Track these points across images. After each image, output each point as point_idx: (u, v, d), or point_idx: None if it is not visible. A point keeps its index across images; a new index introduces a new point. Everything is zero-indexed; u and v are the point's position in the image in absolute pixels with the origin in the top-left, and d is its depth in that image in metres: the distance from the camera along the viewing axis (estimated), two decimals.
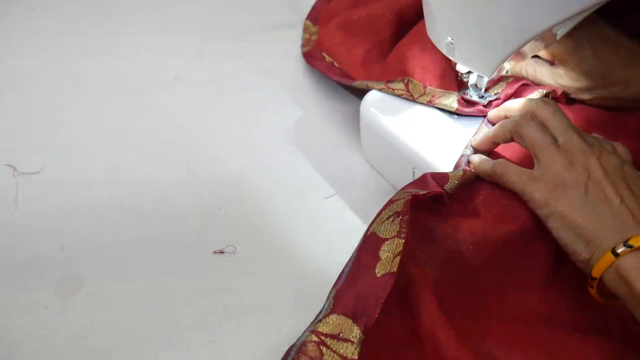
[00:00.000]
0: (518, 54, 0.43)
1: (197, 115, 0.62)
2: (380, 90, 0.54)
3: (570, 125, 0.42)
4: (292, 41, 0.71)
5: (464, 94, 0.51)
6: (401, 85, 0.53)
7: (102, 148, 0.58)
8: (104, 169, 0.56)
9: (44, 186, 0.55)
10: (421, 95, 0.52)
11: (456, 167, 0.47)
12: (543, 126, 0.42)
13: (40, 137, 0.59)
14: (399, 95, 0.53)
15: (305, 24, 0.71)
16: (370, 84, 0.55)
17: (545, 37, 0.42)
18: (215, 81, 0.66)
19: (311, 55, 0.65)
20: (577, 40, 0.47)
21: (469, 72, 0.50)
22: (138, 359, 0.44)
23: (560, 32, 0.43)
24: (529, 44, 0.41)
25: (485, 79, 0.50)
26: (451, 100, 0.50)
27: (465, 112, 0.50)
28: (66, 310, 0.46)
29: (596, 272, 0.37)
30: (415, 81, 0.53)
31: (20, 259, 0.49)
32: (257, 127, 0.61)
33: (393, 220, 0.40)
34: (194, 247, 0.51)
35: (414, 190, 0.42)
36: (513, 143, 0.45)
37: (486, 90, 0.51)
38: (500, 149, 0.48)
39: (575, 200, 0.39)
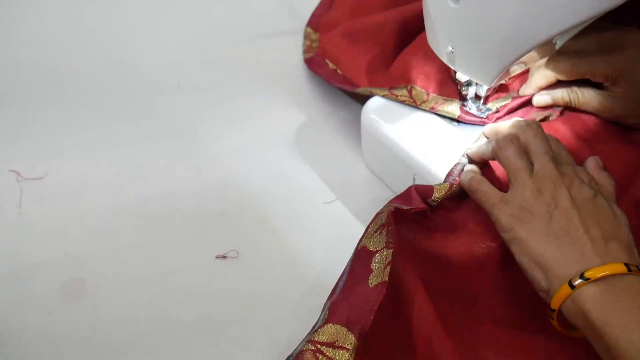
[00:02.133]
0: (518, 63, 0.44)
1: (199, 121, 0.63)
2: (383, 96, 0.54)
3: (547, 151, 0.42)
4: (292, 48, 0.72)
5: (464, 105, 0.51)
6: (404, 92, 0.53)
7: (105, 154, 0.59)
8: (106, 175, 0.57)
9: (47, 191, 0.55)
10: (424, 102, 0.52)
11: (449, 174, 0.47)
12: (521, 151, 0.42)
13: (44, 143, 0.59)
14: (402, 102, 0.53)
15: (305, 31, 0.72)
16: (373, 90, 0.55)
17: (545, 47, 0.43)
18: (217, 87, 0.67)
19: (314, 62, 0.65)
20: (630, 61, 0.46)
21: (469, 85, 0.50)
22: None
23: (560, 42, 0.43)
24: (528, 54, 0.42)
25: (485, 88, 0.50)
26: (453, 107, 0.51)
27: (467, 119, 0.51)
28: (70, 314, 0.46)
29: (554, 304, 0.37)
30: (418, 88, 0.53)
31: (24, 263, 0.49)
32: (258, 133, 0.62)
33: (380, 233, 0.42)
34: (196, 251, 0.51)
35: (398, 205, 0.43)
36: None
37: (485, 100, 0.51)
38: (495, 163, 0.48)
39: (538, 228, 0.39)
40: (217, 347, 0.45)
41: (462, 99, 0.52)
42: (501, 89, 0.53)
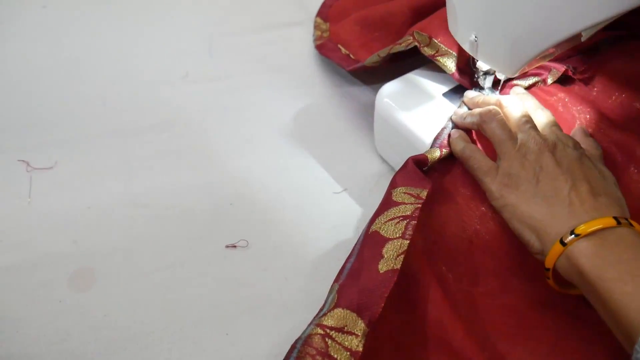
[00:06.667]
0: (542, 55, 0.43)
1: (208, 112, 0.63)
2: (390, 52, 0.54)
3: (528, 120, 0.44)
4: (301, 38, 0.71)
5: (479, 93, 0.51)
6: (408, 38, 0.53)
7: (114, 144, 0.59)
8: (115, 165, 0.57)
9: (57, 181, 0.55)
10: (427, 45, 0.52)
11: (436, 138, 0.48)
12: (504, 122, 0.44)
13: (53, 133, 0.59)
14: (407, 46, 0.52)
15: (316, 21, 0.71)
16: (380, 53, 0.55)
17: (572, 38, 0.41)
18: (225, 78, 0.67)
19: (326, 47, 0.65)
20: None
21: (486, 75, 0.50)
22: (151, 351, 0.44)
23: (586, 34, 0.42)
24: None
25: (502, 80, 0.50)
26: (450, 62, 0.51)
27: (461, 81, 0.51)
28: (80, 303, 0.46)
29: (548, 263, 0.38)
30: (421, 32, 0.53)
31: (35, 253, 0.49)
32: (267, 124, 0.62)
33: (398, 223, 0.41)
34: (206, 241, 0.51)
35: (413, 191, 0.43)
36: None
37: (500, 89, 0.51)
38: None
39: (526, 192, 0.40)
40: (227, 336, 0.45)
41: (479, 87, 0.51)
42: None
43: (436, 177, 0.47)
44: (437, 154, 0.47)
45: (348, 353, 0.36)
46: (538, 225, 0.39)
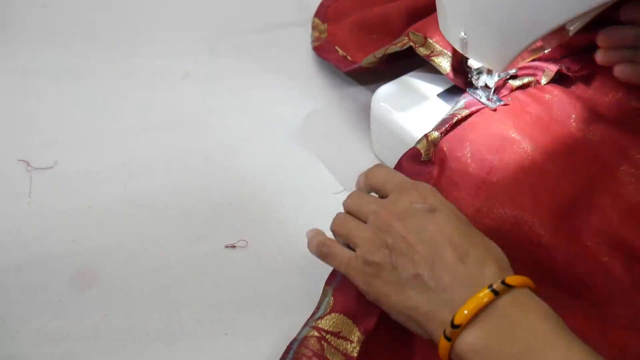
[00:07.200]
0: (530, 49, 0.43)
1: (208, 112, 0.63)
2: (385, 52, 0.54)
3: (371, 201, 0.39)
4: (300, 39, 0.71)
5: (474, 93, 0.51)
6: (403, 39, 0.53)
7: (114, 144, 0.59)
8: (116, 165, 0.57)
9: (57, 181, 0.55)
10: (422, 45, 0.52)
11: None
12: (344, 217, 0.41)
13: (53, 133, 0.59)
14: (402, 47, 0.52)
15: (314, 22, 0.71)
16: (376, 54, 0.55)
17: (558, 32, 0.42)
18: (226, 78, 0.67)
19: (323, 49, 0.65)
20: None
21: (479, 74, 0.50)
22: (151, 351, 0.44)
23: (573, 28, 0.43)
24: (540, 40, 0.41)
25: (495, 79, 0.50)
26: (445, 62, 0.51)
27: (455, 81, 0.51)
28: (80, 302, 0.47)
29: (443, 357, 0.34)
30: (417, 32, 0.53)
31: (35, 253, 0.49)
32: (266, 124, 0.62)
33: None
34: (205, 241, 0.51)
35: None
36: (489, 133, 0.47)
37: (495, 91, 0.51)
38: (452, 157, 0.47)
39: (390, 279, 0.36)
40: (227, 336, 0.45)
41: (472, 87, 0.51)
42: None
43: (430, 176, 0.47)
44: (424, 141, 0.46)
45: (343, 357, 0.36)
46: (417, 315, 0.35)
